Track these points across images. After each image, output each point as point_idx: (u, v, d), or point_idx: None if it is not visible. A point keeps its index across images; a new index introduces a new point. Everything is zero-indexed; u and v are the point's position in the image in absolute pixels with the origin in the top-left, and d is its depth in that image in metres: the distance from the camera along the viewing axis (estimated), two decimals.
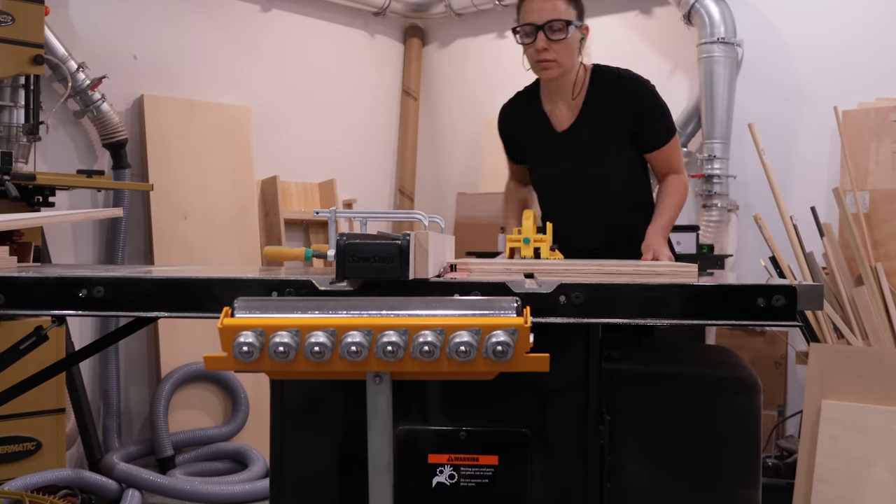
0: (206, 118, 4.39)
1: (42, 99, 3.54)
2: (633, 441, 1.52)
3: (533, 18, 2.36)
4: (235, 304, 1.23)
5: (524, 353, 1.19)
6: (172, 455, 3.97)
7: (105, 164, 4.04)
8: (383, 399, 1.25)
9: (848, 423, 2.55)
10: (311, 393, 1.53)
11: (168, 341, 4.12)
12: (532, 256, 2.03)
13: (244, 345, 1.17)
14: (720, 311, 1.32)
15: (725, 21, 4.21)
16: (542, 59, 2.37)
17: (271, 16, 4.80)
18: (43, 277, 1.38)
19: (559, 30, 2.34)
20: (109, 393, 4.00)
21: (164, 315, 1.37)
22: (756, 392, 1.56)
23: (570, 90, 2.45)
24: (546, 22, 2.34)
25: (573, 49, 2.40)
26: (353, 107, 5.21)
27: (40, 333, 1.87)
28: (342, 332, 1.18)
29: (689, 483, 1.53)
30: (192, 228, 4.27)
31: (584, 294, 1.32)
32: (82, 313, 1.39)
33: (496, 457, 1.48)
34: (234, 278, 1.37)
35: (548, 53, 2.36)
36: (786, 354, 4.00)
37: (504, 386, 1.42)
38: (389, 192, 5.49)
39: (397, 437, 1.46)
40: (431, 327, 1.18)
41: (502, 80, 5.39)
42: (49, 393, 3.35)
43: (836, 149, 3.86)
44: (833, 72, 4.04)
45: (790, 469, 3.25)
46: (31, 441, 3.36)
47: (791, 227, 3.15)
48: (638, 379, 1.54)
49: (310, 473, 1.54)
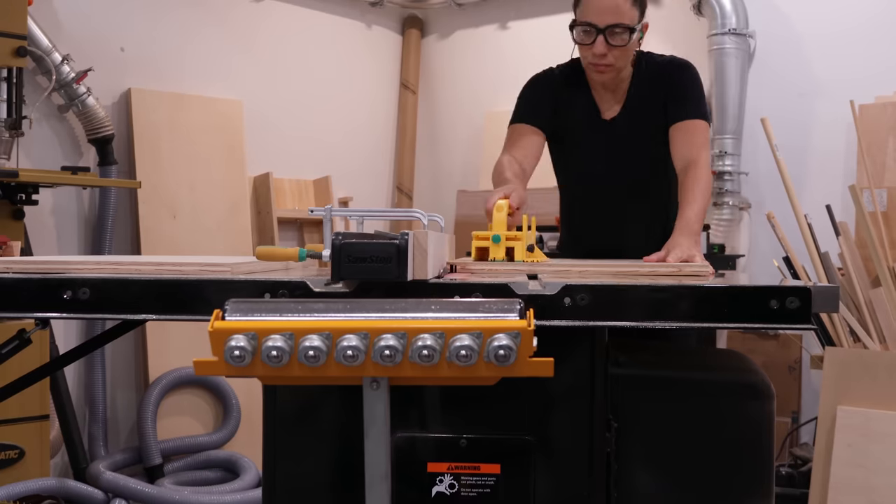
0: (195, 113, 4.39)
1: (25, 92, 3.54)
2: (641, 449, 1.53)
3: (594, 18, 2.25)
4: (227, 307, 1.23)
5: (527, 357, 1.19)
6: (161, 463, 3.97)
7: (91, 160, 4.04)
8: (381, 405, 1.25)
9: (864, 430, 2.55)
10: (305, 399, 1.53)
11: (156, 345, 4.12)
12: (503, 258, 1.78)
13: (236, 349, 1.17)
14: (731, 313, 1.32)
15: (737, 11, 4.21)
16: (599, 63, 2.30)
17: (264, 6, 4.80)
18: (25, 279, 1.38)
19: (620, 34, 2.25)
20: (95, 399, 4.00)
21: (153, 317, 1.37)
22: (769, 398, 1.56)
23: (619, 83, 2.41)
24: (608, 26, 2.24)
25: (631, 52, 2.35)
26: (349, 101, 5.21)
27: (23, 337, 1.87)
28: (338, 336, 1.18)
29: (699, 493, 1.53)
30: (182, 228, 4.27)
31: (589, 296, 1.32)
32: (67, 316, 1.39)
33: (498, 465, 1.48)
34: (225, 279, 1.37)
35: (605, 59, 2.29)
36: (800, 359, 4.00)
37: (506, 391, 1.42)
38: (387, 190, 5.50)
39: (395, 444, 1.46)
40: (431, 330, 1.18)
41: (504, 73, 5.44)
42: (32, 399, 3.35)
43: (853, 144, 3.86)
44: (849, 64, 4.05)
45: (804, 478, 3.26)
46: (13, 449, 3.36)
47: (805, 225, 3.15)
48: (646, 384, 1.55)
49: (304, 483, 1.54)
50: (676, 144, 2.33)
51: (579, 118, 2.45)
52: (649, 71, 2.41)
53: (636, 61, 2.41)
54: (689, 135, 2.32)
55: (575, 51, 2.40)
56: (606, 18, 2.23)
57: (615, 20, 2.23)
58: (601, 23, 2.24)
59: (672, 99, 2.36)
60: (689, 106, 2.35)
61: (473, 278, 1.48)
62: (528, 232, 1.84)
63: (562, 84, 2.46)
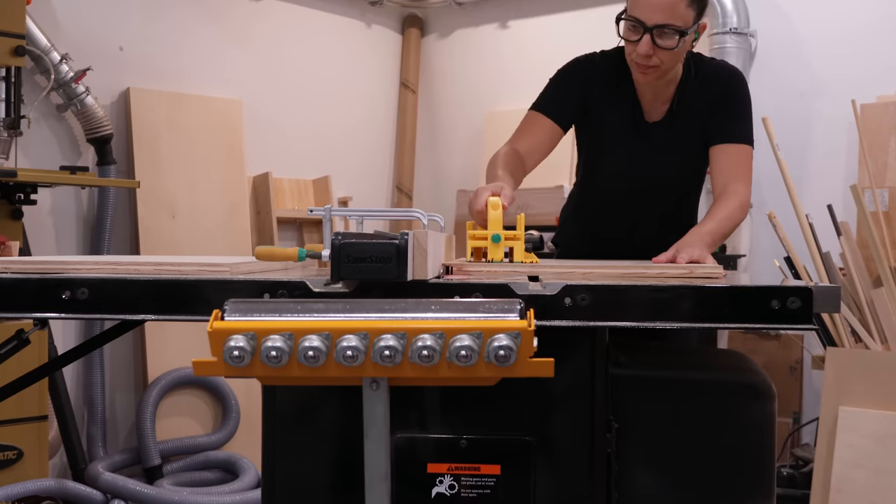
0: (195, 112, 4.39)
1: (23, 92, 3.54)
2: (642, 450, 1.53)
3: (643, 15, 2.04)
4: (226, 307, 1.23)
5: (528, 357, 1.19)
6: (160, 464, 3.96)
7: (89, 160, 4.04)
8: (380, 406, 1.25)
9: (866, 431, 2.55)
10: (304, 399, 1.53)
11: (155, 345, 4.12)
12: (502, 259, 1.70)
13: (235, 349, 1.17)
14: (733, 313, 1.32)
15: (738, 10, 4.21)
16: (642, 64, 2.11)
17: (263, 5, 4.80)
18: (24, 279, 1.38)
19: (670, 36, 2.05)
20: (94, 399, 4.00)
21: (152, 318, 1.37)
22: (770, 398, 1.57)
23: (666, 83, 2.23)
24: (657, 25, 2.03)
25: (681, 55, 2.14)
26: (348, 100, 5.21)
27: (21, 337, 1.87)
28: (337, 336, 1.18)
29: (700, 493, 1.54)
30: (181, 228, 4.27)
31: (590, 296, 1.32)
32: (65, 316, 1.39)
33: (498, 466, 1.48)
34: (224, 279, 1.37)
35: (651, 60, 2.09)
36: (801, 359, 4.00)
37: (507, 392, 1.42)
38: (387, 190, 5.49)
39: (395, 445, 1.46)
40: (431, 331, 1.18)
41: (505, 72, 5.44)
42: (31, 399, 3.35)
43: (854, 144, 3.86)
44: (851, 63, 4.04)
45: (806, 479, 3.26)
46: (12, 450, 3.36)
47: (807, 225, 3.15)
48: (646, 385, 1.55)
49: (303, 483, 1.54)
50: (718, 168, 2.18)
51: (620, 115, 2.26)
52: (700, 75, 2.23)
53: (686, 62, 2.23)
54: (733, 161, 2.16)
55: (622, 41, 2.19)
56: (657, 17, 2.03)
57: (666, 20, 2.03)
58: (650, 21, 2.03)
59: (721, 114, 2.20)
60: (739, 127, 2.19)
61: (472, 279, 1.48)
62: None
63: (603, 76, 2.25)
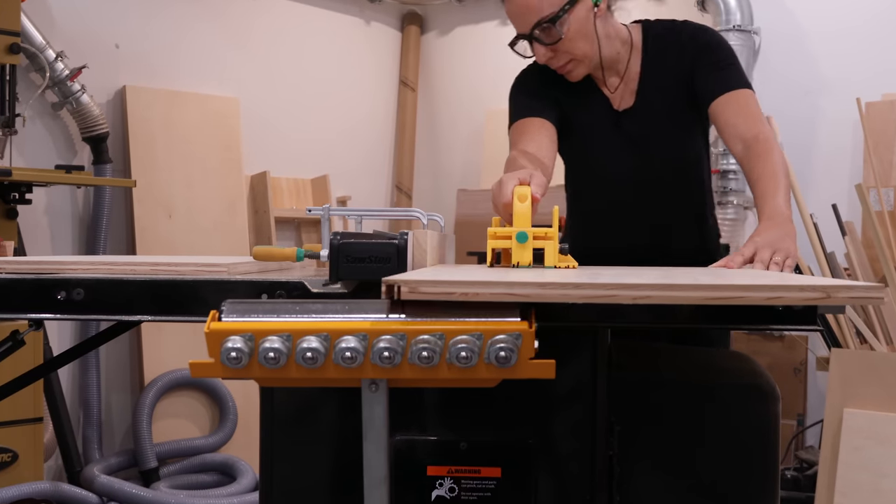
0: (191, 110, 4.38)
1: (18, 90, 3.53)
2: (644, 452, 1.53)
3: (517, 26, 2.01)
4: (223, 308, 1.23)
5: (528, 359, 1.19)
6: (156, 467, 3.96)
7: (85, 158, 4.04)
8: (379, 408, 1.24)
9: (871, 433, 2.54)
10: (303, 401, 1.53)
11: (152, 346, 4.12)
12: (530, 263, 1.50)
13: (232, 350, 1.17)
14: (736, 314, 1.32)
15: (742, 7, 4.21)
16: (557, 67, 2.04)
17: (261, 2, 4.79)
18: (19, 279, 1.38)
19: (548, 30, 1.97)
20: (89, 401, 4.00)
21: (148, 319, 1.37)
22: (774, 400, 1.57)
23: (618, 65, 2.09)
24: (531, 28, 1.97)
25: (585, 32, 1.99)
26: (347, 98, 5.21)
27: (16, 338, 1.87)
28: (336, 337, 1.18)
29: (703, 497, 1.54)
30: (177, 227, 4.27)
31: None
32: (61, 317, 1.39)
33: (499, 469, 1.48)
34: (221, 280, 1.37)
35: (556, 59, 2.02)
36: (805, 360, 4.00)
37: (507, 394, 1.42)
38: (386, 189, 5.49)
39: (394, 447, 1.46)
40: (430, 332, 1.18)
41: (505, 70, 5.41)
42: (26, 401, 3.35)
43: (859, 143, 3.86)
44: (856, 62, 4.04)
45: (810, 482, 3.26)
46: (6, 452, 3.36)
47: (811, 225, 3.15)
48: (649, 387, 1.55)
49: (301, 486, 1.54)
50: (729, 121, 1.97)
51: (588, 113, 2.14)
52: (659, 42, 2.09)
53: (643, 35, 2.10)
54: (741, 108, 1.98)
55: None
56: (526, 22, 1.97)
57: (533, 19, 1.96)
58: (525, 29, 1.99)
59: (705, 69, 2.03)
60: (731, 74, 2.02)
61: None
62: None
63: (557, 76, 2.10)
